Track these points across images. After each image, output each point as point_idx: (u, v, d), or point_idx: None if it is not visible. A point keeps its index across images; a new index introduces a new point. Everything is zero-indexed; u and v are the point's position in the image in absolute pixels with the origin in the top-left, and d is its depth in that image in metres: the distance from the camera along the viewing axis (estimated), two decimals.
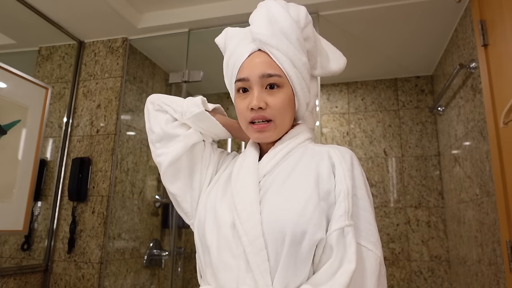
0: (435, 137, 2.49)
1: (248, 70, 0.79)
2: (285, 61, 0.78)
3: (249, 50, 0.80)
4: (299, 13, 0.83)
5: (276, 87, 0.78)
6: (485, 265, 1.60)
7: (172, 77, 2.21)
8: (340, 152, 0.78)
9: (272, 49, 0.78)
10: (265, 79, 0.78)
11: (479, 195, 1.65)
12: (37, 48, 2.20)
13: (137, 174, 2.20)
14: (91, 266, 1.90)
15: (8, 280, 1.71)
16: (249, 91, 0.80)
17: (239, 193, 0.75)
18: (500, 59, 1.39)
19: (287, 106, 0.79)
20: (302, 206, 0.70)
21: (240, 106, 0.81)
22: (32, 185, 1.79)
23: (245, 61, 0.80)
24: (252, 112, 0.78)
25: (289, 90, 0.80)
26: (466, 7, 1.74)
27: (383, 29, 2.04)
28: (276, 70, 0.78)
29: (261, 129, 0.79)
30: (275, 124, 0.79)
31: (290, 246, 0.67)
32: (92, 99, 2.14)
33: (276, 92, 0.78)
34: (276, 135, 0.81)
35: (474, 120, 1.68)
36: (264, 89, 0.78)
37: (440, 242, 2.34)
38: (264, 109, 0.77)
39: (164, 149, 0.88)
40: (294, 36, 0.80)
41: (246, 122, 0.81)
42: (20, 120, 1.75)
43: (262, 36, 0.78)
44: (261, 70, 0.78)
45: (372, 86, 2.69)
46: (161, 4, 2.03)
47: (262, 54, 0.79)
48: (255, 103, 0.76)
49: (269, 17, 0.80)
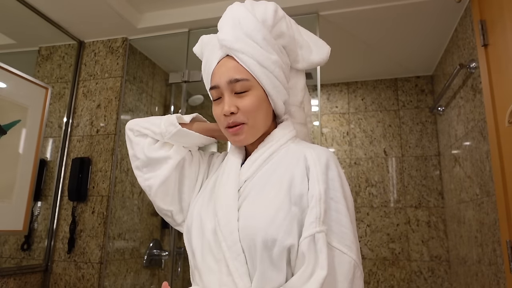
0: (435, 137, 2.49)
1: (217, 77, 0.81)
2: (252, 63, 0.78)
3: (218, 57, 0.81)
4: (266, 11, 0.82)
5: (245, 92, 0.79)
6: (485, 265, 1.60)
7: (172, 77, 2.21)
8: (316, 153, 0.77)
9: (237, 53, 0.79)
10: (233, 85, 0.79)
11: (479, 195, 1.65)
12: (37, 48, 2.20)
13: None
14: (91, 266, 1.89)
15: (8, 280, 1.71)
16: (221, 97, 0.81)
17: (219, 200, 0.78)
18: (500, 59, 1.39)
19: (258, 107, 0.80)
20: (273, 213, 0.71)
21: (216, 113, 0.83)
22: (32, 185, 1.79)
23: (215, 69, 0.81)
24: (226, 118, 0.80)
25: (260, 91, 0.80)
26: (466, 7, 1.74)
27: (383, 29, 2.04)
28: (243, 74, 0.79)
29: (235, 132, 0.80)
30: (247, 126, 0.80)
31: (262, 252, 0.70)
32: (92, 99, 2.14)
33: (245, 95, 0.79)
34: (252, 136, 0.82)
35: (474, 120, 1.68)
36: (233, 94, 0.80)
37: (440, 242, 2.34)
38: (236, 113, 0.79)
39: (151, 173, 0.89)
40: (260, 36, 0.80)
41: (223, 128, 0.82)
42: (20, 120, 1.75)
43: (226, 42, 0.79)
44: (227, 76, 0.79)
45: (372, 86, 2.69)
46: (161, 4, 2.03)
47: (229, 59, 0.80)
48: (226, 108, 0.78)
49: (233, 21, 0.81)
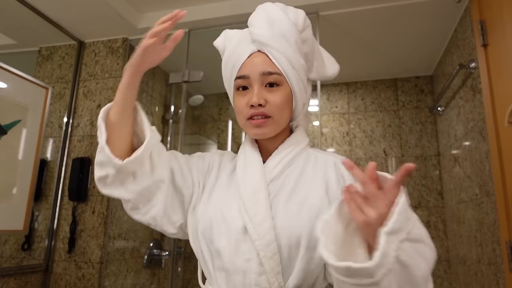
0: (435, 137, 2.49)
1: (249, 68, 0.80)
2: (284, 62, 0.80)
3: (249, 51, 0.82)
4: (298, 16, 0.85)
5: (276, 86, 0.80)
6: (485, 265, 1.60)
7: (172, 77, 2.22)
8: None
9: (272, 50, 0.80)
10: (265, 77, 0.79)
11: (479, 195, 1.65)
12: (37, 48, 2.20)
13: None
14: (91, 266, 1.90)
15: (9, 280, 1.71)
16: (249, 88, 0.81)
17: (249, 198, 0.76)
18: (500, 59, 1.39)
19: (285, 104, 0.81)
20: (316, 212, 0.73)
21: (239, 103, 0.82)
22: (32, 185, 1.79)
23: (246, 61, 0.81)
24: (252, 108, 0.79)
25: (288, 89, 0.82)
26: (466, 7, 1.74)
27: (383, 29, 2.04)
28: (275, 69, 0.80)
29: (260, 124, 0.79)
30: (273, 120, 0.80)
31: (305, 251, 0.71)
32: (92, 99, 2.14)
33: (276, 90, 0.80)
34: (273, 131, 0.82)
35: (474, 120, 1.68)
36: (264, 87, 0.80)
37: (440, 242, 2.34)
38: (264, 106, 0.79)
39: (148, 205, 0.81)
40: (293, 39, 0.81)
41: (245, 119, 0.81)
42: (20, 120, 1.75)
43: (262, 37, 0.80)
44: (261, 68, 0.79)
45: (372, 86, 2.69)
46: (161, 4, 2.03)
47: (261, 54, 0.81)
48: (255, 99, 0.78)
49: (268, 19, 0.82)
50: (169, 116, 2.50)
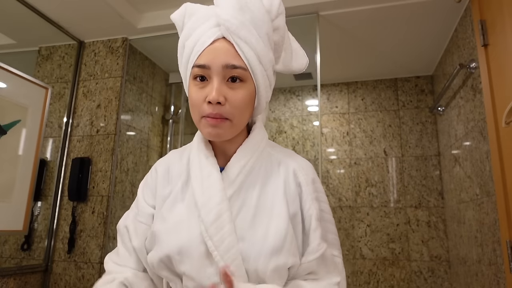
0: (435, 137, 2.49)
1: (210, 57, 0.69)
2: (251, 55, 0.70)
3: (213, 36, 0.70)
4: (272, 2, 0.75)
5: (239, 81, 0.70)
6: (485, 265, 1.60)
7: (172, 77, 2.22)
8: (303, 168, 0.78)
9: (239, 41, 0.70)
10: (228, 70, 0.69)
11: (479, 195, 1.65)
12: (37, 48, 2.20)
13: (137, 174, 2.20)
14: (91, 266, 1.89)
15: (8, 280, 1.71)
16: (208, 80, 0.70)
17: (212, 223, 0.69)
18: (500, 59, 1.39)
19: (247, 104, 0.72)
20: (282, 238, 0.69)
21: (195, 96, 0.71)
22: (32, 185, 1.79)
23: (207, 47, 0.70)
24: (209, 106, 0.69)
25: (252, 86, 0.72)
26: (466, 7, 1.74)
27: (383, 29, 2.04)
28: (241, 62, 0.70)
29: (216, 123, 0.70)
30: (231, 124, 0.71)
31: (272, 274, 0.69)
32: (92, 99, 2.14)
33: (238, 87, 0.70)
34: (230, 135, 0.73)
35: (474, 120, 1.68)
36: (225, 81, 0.70)
37: (440, 242, 2.34)
38: (222, 105, 0.69)
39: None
40: (264, 29, 0.72)
41: (199, 116, 0.71)
42: (20, 120, 1.75)
43: (230, 24, 0.69)
44: (225, 59, 0.69)
45: (372, 86, 2.69)
46: (161, 4, 2.03)
47: (226, 43, 0.70)
48: (214, 96, 0.68)
49: (240, 2, 0.71)
50: (169, 116, 2.49)
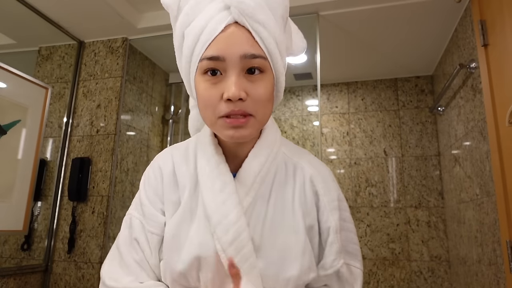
0: (435, 137, 2.49)
1: (224, 46, 0.58)
2: (271, 43, 0.61)
3: (224, 21, 0.59)
4: None
5: (258, 72, 0.61)
6: (485, 265, 1.60)
7: (172, 77, 2.22)
8: (321, 174, 0.71)
9: (256, 26, 0.59)
10: (247, 61, 0.59)
11: (479, 195, 1.65)
12: (37, 48, 2.20)
13: (137, 174, 2.20)
14: (91, 266, 1.90)
15: (8, 280, 1.71)
16: (222, 74, 0.60)
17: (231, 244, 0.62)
18: (500, 59, 1.39)
19: (270, 97, 0.63)
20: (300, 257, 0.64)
21: (208, 94, 0.60)
22: (32, 185, 1.79)
23: (219, 35, 0.59)
24: (229, 104, 0.59)
25: (271, 76, 0.63)
26: (466, 7, 1.74)
27: (383, 29, 2.04)
28: (259, 50, 0.60)
29: (240, 124, 0.60)
30: (255, 120, 0.61)
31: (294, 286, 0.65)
32: (92, 99, 2.14)
33: (258, 79, 0.61)
34: (254, 133, 0.63)
35: (474, 120, 1.68)
36: (243, 73, 0.60)
37: (440, 242, 2.34)
38: (244, 101, 0.59)
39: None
40: (280, 11, 0.63)
41: (215, 116, 0.61)
42: (20, 120, 1.75)
43: (245, 6, 0.58)
44: (242, 48, 0.58)
45: (372, 86, 2.69)
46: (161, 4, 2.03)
47: (241, 29, 0.59)
48: (235, 92, 0.57)
49: None
50: (169, 116, 2.49)
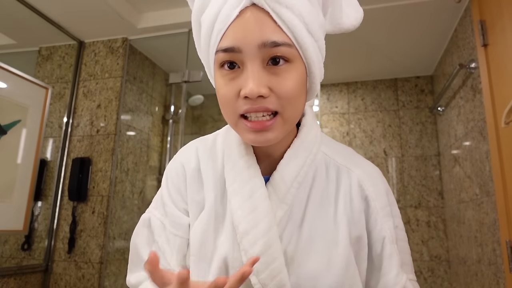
0: (435, 137, 2.49)
1: (239, 35, 0.49)
2: (298, 25, 0.50)
3: (238, 5, 0.50)
4: None
5: (283, 62, 0.51)
6: (485, 265, 1.60)
7: (172, 77, 2.22)
8: (371, 177, 0.61)
9: (278, 7, 0.49)
10: (268, 50, 0.49)
11: (479, 195, 1.65)
12: (37, 48, 2.20)
13: (137, 174, 2.20)
14: (91, 266, 1.90)
15: (9, 280, 1.71)
16: (240, 68, 0.51)
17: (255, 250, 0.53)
18: (500, 59, 1.39)
19: (300, 91, 0.52)
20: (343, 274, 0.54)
21: (225, 91, 0.52)
22: (32, 185, 1.79)
23: (234, 22, 0.50)
24: (247, 102, 0.50)
25: (301, 66, 0.52)
26: (466, 7, 1.74)
27: (383, 29, 2.04)
28: (283, 36, 0.50)
29: (262, 128, 0.51)
30: (282, 119, 0.52)
31: None
32: (92, 99, 2.14)
33: (284, 70, 0.51)
34: (281, 134, 0.53)
35: (474, 120, 1.68)
36: (265, 65, 0.51)
37: (440, 242, 2.34)
38: (265, 98, 0.50)
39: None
40: None
41: (236, 116, 0.53)
42: (20, 120, 1.75)
43: None
44: (261, 36, 0.49)
45: (372, 86, 2.69)
46: (161, 4, 2.03)
47: (258, 11, 0.49)
48: (253, 88, 0.49)
49: None
50: (169, 116, 2.50)
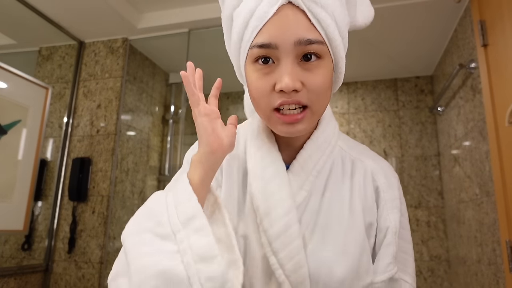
0: (435, 137, 2.49)
1: (276, 32, 0.53)
2: (330, 24, 0.54)
3: (276, 3, 0.53)
4: None
5: (315, 59, 0.55)
6: (485, 265, 1.60)
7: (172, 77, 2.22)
8: (383, 170, 0.65)
9: (313, 6, 0.53)
10: (302, 47, 0.53)
11: (479, 195, 1.65)
12: (37, 48, 2.20)
13: (137, 174, 2.20)
14: (91, 266, 1.90)
15: (9, 280, 1.72)
16: (275, 63, 0.55)
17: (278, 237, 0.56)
18: (500, 59, 1.39)
19: (329, 85, 0.57)
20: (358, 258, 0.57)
21: (259, 85, 0.56)
22: (32, 185, 1.79)
23: (271, 19, 0.53)
24: (282, 95, 0.54)
25: (330, 62, 0.57)
26: (466, 7, 1.74)
27: (383, 29, 2.04)
28: (317, 34, 0.54)
29: (294, 121, 0.55)
30: (311, 112, 0.56)
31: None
32: (92, 99, 2.14)
33: (315, 66, 0.55)
34: (309, 127, 0.58)
35: (474, 120, 1.68)
36: (298, 61, 0.54)
37: (440, 242, 2.34)
38: (298, 91, 0.54)
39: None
40: None
41: (269, 109, 0.56)
42: (21, 120, 1.75)
43: None
44: (297, 33, 0.53)
45: (372, 86, 2.69)
46: (161, 4, 2.03)
47: (295, 10, 0.53)
48: (288, 82, 0.52)
49: None
50: (169, 116, 2.50)
